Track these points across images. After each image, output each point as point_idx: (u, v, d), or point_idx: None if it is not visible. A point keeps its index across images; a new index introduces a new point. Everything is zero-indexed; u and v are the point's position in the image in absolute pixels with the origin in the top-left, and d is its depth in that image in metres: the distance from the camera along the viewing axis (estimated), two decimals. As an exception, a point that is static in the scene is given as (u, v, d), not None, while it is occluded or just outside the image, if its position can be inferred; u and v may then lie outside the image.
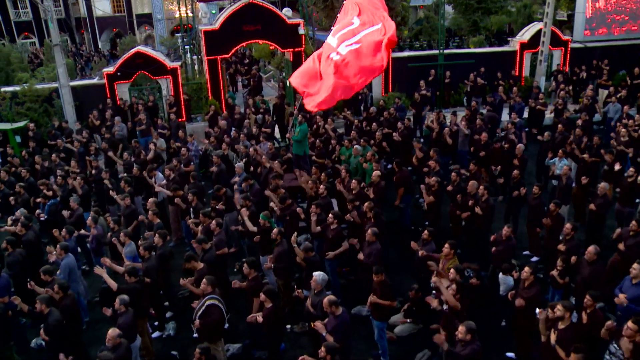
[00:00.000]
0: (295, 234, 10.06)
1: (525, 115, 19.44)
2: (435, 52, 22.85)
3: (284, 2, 35.80)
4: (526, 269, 8.47)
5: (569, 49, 23.67)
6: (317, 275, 8.43)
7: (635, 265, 8.38)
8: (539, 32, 22.68)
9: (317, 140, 15.33)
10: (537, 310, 7.68)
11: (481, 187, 11.37)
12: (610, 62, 23.48)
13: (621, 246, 10.10)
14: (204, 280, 8.54)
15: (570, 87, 21.48)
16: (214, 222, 10.43)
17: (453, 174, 12.57)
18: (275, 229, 9.90)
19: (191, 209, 12.04)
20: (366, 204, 10.76)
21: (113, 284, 8.93)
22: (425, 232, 9.83)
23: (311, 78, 10.82)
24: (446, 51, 22.76)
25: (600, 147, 14.69)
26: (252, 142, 15.46)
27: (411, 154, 16.94)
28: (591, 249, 9.01)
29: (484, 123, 16.97)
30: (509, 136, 15.88)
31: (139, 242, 10.34)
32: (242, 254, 12.31)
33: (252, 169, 14.01)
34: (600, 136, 14.96)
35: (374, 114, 17.90)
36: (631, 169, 12.40)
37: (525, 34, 23.28)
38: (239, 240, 12.26)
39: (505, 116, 20.87)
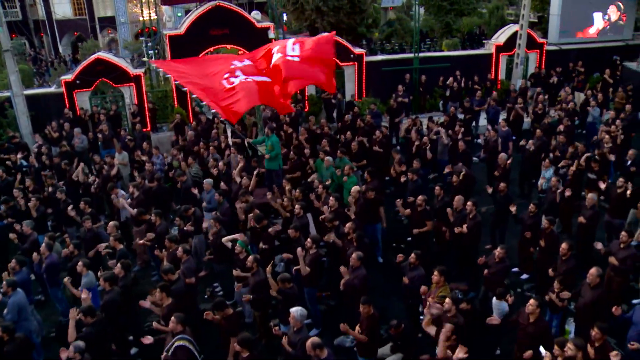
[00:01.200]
0: (270, 266, 9.14)
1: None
2: (410, 55, 22.18)
3: (252, 5, 34.78)
4: (532, 301, 7.76)
5: (544, 51, 23.26)
6: (295, 311, 7.60)
7: (645, 294, 7.78)
8: (514, 34, 22.19)
9: (291, 152, 14.46)
10: (543, 351, 6.97)
11: (469, 202, 10.66)
12: (585, 65, 23.22)
13: (613, 260, 9.55)
14: (173, 318, 7.66)
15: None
16: (180, 248, 9.50)
17: (437, 187, 11.84)
18: (250, 257, 9.02)
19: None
20: (348, 224, 9.96)
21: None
22: (413, 255, 9.07)
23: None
24: (421, 54, 22.11)
25: (584, 154, 14.20)
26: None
27: (389, 164, 16.32)
28: (593, 271, 8.39)
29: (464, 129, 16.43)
30: (490, 144, 15.31)
31: (99, 273, 9.37)
32: (213, 278, 11.44)
33: (222, 184, 13.09)
34: (584, 143, 14.44)
35: (349, 121, 17.12)
36: (620, 179, 11.87)
37: (501, 37, 22.78)
38: (209, 263, 11.35)
39: (482, 121, 20.38)
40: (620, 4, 24.18)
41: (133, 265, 11.28)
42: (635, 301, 10.39)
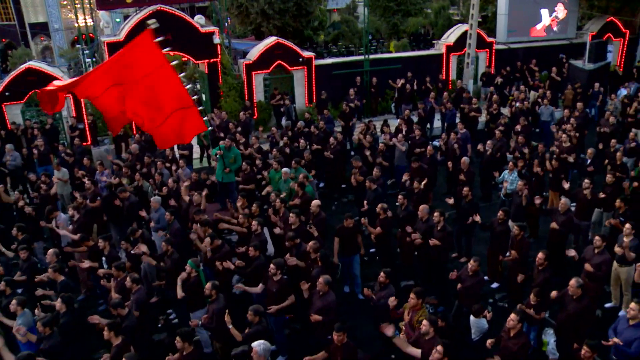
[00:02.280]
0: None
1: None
2: (361, 57, 21.68)
3: (193, 10, 33.58)
4: (512, 316, 7.27)
5: (493, 50, 23.21)
6: (258, 345, 6.84)
7: (633, 305, 7.37)
8: (464, 34, 22.03)
9: (243, 163, 13.63)
10: None
11: (436, 212, 10.12)
12: (532, 63, 23.33)
13: (588, 267, 9.19)
14: (124, 360, 6.79)
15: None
16: (129, 278, 8.59)
17: (400, 196, 11.26)
18: (208, 284, 8.18)
19: (103, 258, 10.11)
20: (310, 244, 9.24)
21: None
22: (382, 274, 8.43)
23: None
24: (371, 56, 21.64)
25: (544, 155, 13.97)
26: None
27: (344, 172, 15.73)
28: (573, 282, 7.96)
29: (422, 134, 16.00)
30: (451, 148, 14.90)
31: (36, 312, 8.36)
32: (167, 305, 10.54)
33: (171, 202, 12.18)
34: (543, 143, 14.21)
35: (301, 129, 16.42)
36: (586, 180, 11.60)
37: (451, 37, 22.59)
38: (162, 288, 10.43)
39: (437, 123, 20.08)
40: (565, 2, 24.43)
41: (77, 294, 10.29)
42: (608, 305, 10.15)
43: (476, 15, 21.07)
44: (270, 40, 19.46)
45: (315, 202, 10.88)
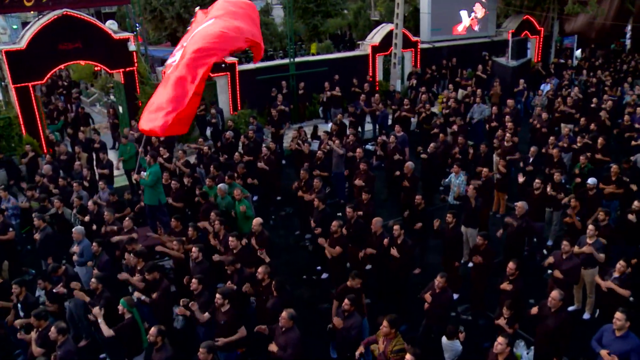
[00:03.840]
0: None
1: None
2: (286, 61, 20.71)
3: (100, 15, 31.46)
4: (500, 339, 6.58)
5: (419, 49, 22.92)
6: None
7: (619, 315, 6.87)
8: (389, 34, 21.58)
9: (172, 181, 12.38)
10: None
11: (396, 225, 9.34)
12: (457, 62, 23.29)
13: (558, 273, 8.73)
14: None
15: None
16: (53, 329, 7.25)
17: (348, 209, 10.41)
18: (153, 330, 6.97)
19: (19, 305, 8.65)
20: (261, 269, 8.24)
21: None
22: (346, 301, 7.53)
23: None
24: (297, 59, 20.74)
25: (488, 155, 13.62)
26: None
27: (279, 183, 14.79)
28: (555, 294, 7.41)
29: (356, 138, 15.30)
30: (390, 152, 14.27)
31: None
32: (99, 349, 9.21)
33: (94, 227, 10.79)
34: (486, 143, 13.83)
35: (230, 139, 15.32)
36: (537, 180, 11.23)
37: (376, 37, 22.07)
38: (90, 329, 9.09)
39: (368, 126, 19.50)
40: (483, 0, 24.57)
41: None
42: (571, 308, 9.75)
43: (401, 15, 20.67)
44: (190, 46, 18.15)
45: (257, 220, 9.88)
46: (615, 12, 26.20)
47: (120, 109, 18.06)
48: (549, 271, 10.52)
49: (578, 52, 29.38)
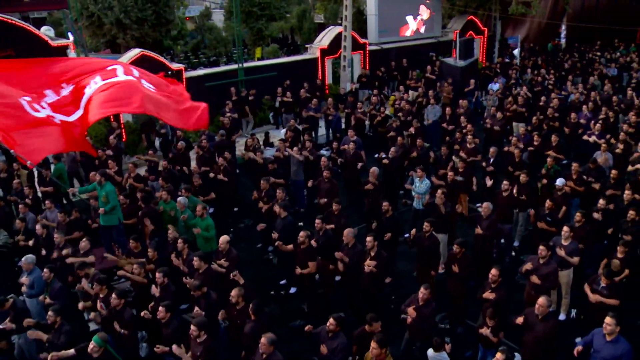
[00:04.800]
0: None
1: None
2: (234, 67, 20.10)
3: (27, 20, 29.80)
4: (499, 355, 6.30)
5: (367, 52, 22.75)
6: None
7: (609, 320, 6.72)
8: (337, 36, 21.32)
9: (120, 196, 11.55)
10: None
11: (369, 237, 8.96)
12: (407, 63, 23.28)
13: (535, 279, 8.55)
14: None
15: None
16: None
17: (317, 221, 9.97)
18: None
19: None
20: (234, 292, 7.70)
21: None
22: (331, 321, 7.10)
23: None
24: (246, 65, 20.17)
25: (449, 158, 13.46)
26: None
27: (235, 194, 14.20)
28: (543, 301, 7.21)
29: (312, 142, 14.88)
30: (349, 157, 13.93)
31: None
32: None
33: (44, 253, 9.96)
34: (447, 146, 13.66)
35: (182, 149, 14.62)
36: (505, 182, 11.12)
37: (324, 40, 21.75)
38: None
39: (321, 131, 19.13)
40: (427, 1, 24.66)
41: None
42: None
43: (350, 17, 20.44)
44: (134, 53, 17.34)
45: (224, 238, 9.31)
46: (550, 12, 26.91)
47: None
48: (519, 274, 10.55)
49: (516, 52, 29.98)
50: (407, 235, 9.89)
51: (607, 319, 6.75)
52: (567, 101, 19.36)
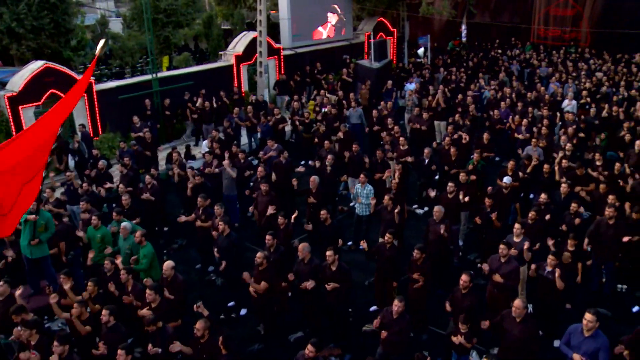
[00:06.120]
0: None
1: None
2: (148, 77, 19.03)
3: None
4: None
5: (282, 56, 22.36)
6: None
7: (589, 317, 6.76)
8: (251, 42, 20.78)
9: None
10: None
11: (329, 252, 8.58)
12: (321, 66, 23.15)
13: (498, 278, 8.56)
14: None
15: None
16: None
17: (268, 237, 9.48)
18: None
19: None
20: (199, 324, 7.08)
21: None
22: (310, 347, 6.67)
23: None
24: (160, 75, 19.17)
25: (384, 161, 13.37)
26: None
27: (164, 212, 13.37)
28: (519, 303, 7.19)
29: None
30: (283, 167, 13.49)
31: None
32: None
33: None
34: (382, 150, 13.54)
35: (104, 169, 13.60)
36: (451, 183, 11.13)
37: (238, 46, 21.13)
38: None
39: (245, 139, 18.52)
40: (339, 4, 24.67)
41: None
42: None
43: (264, 22, 19.97)
44: (37, 66, 15.96)
45: (169, 264, 8.64)
46: (458, 12, 27.79)
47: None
48: (472, 272, 10.57)
49: (421, 51, 30.64)
50: (362, 247, 9.56)
51: (587, 315, 6.81)
52: (482, 98, 19.95)
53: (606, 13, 27.10)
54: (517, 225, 9.22)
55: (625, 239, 9.54)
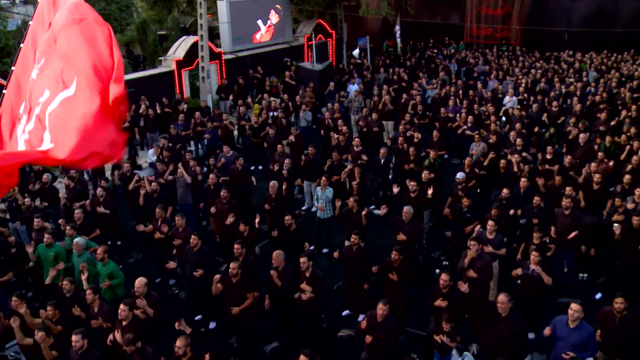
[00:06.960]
0: None
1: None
2: (86, 85, 18.15)
3: None
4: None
5: (223, 61, 21.94)
6: None
7: (575, 307, 6.88)
8: (192, 47, 20.27)
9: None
10: None
11: (303, 258, 8.40)
12: (262, 69, 22.90)
13: (472, 273, 8.64)
14: None
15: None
16: None
17: (236, 246, 9.17)
18: None
19: None
20: (180, 342, 6.76)
21: None
22: (303, 358, 6.47)
23: None
24: (98, 83, 18.32)
25: (341, 163, 13.30)
26: None
27: (117, 227, 12.78)
28: (503, 298, 7.20)
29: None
30: (237, 174, 13.19)
31: None
32: None
33: None
34: (338, 151, 13.46)
35: (48, 182, 12.87)
36: (412, 182, 11.16)
37: (179, 51, 20.55)
38: None
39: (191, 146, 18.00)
40: (278, 7, 24.47)
41: None
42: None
43: (205, 26, 19.54)
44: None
45: (141, 281, 8.23)
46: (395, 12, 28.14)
47: None
48: (437, 270, 10.66)
49: (356, 52, 30.85)
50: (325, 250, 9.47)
51: (574, 305, 6.90)
52: (426, 97, 20.24)
53: (533, 12, 28.17)
54: (490, 222, 9.30)
55: (571, 235, 9.81)
